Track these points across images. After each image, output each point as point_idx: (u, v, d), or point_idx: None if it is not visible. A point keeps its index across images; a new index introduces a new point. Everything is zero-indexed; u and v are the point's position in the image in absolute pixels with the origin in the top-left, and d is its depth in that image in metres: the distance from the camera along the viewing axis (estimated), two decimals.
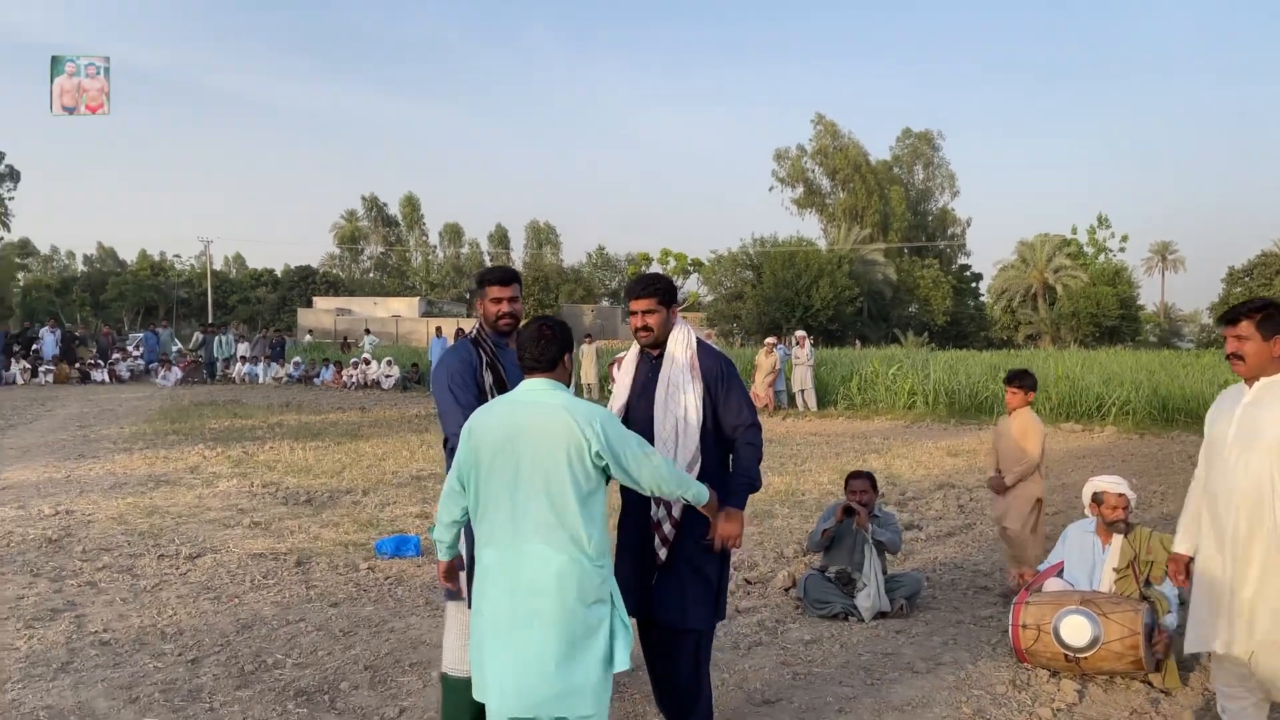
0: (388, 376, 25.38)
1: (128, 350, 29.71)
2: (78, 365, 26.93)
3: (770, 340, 20.38)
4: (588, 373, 21.44)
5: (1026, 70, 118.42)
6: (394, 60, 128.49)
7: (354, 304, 56.04)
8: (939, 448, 13.53)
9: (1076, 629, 4.48)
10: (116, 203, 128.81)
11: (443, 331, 25.69)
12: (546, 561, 2.91)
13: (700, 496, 3.26)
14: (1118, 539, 5.02)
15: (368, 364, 26.31)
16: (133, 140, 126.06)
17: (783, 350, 20.41)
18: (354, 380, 25.48)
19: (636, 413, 3.72)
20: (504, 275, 3.82)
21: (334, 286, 66.90)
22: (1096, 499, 5.16)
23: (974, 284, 62.79)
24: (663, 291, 3.69)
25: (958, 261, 63.88)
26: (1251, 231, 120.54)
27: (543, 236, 78.27)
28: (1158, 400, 16.63)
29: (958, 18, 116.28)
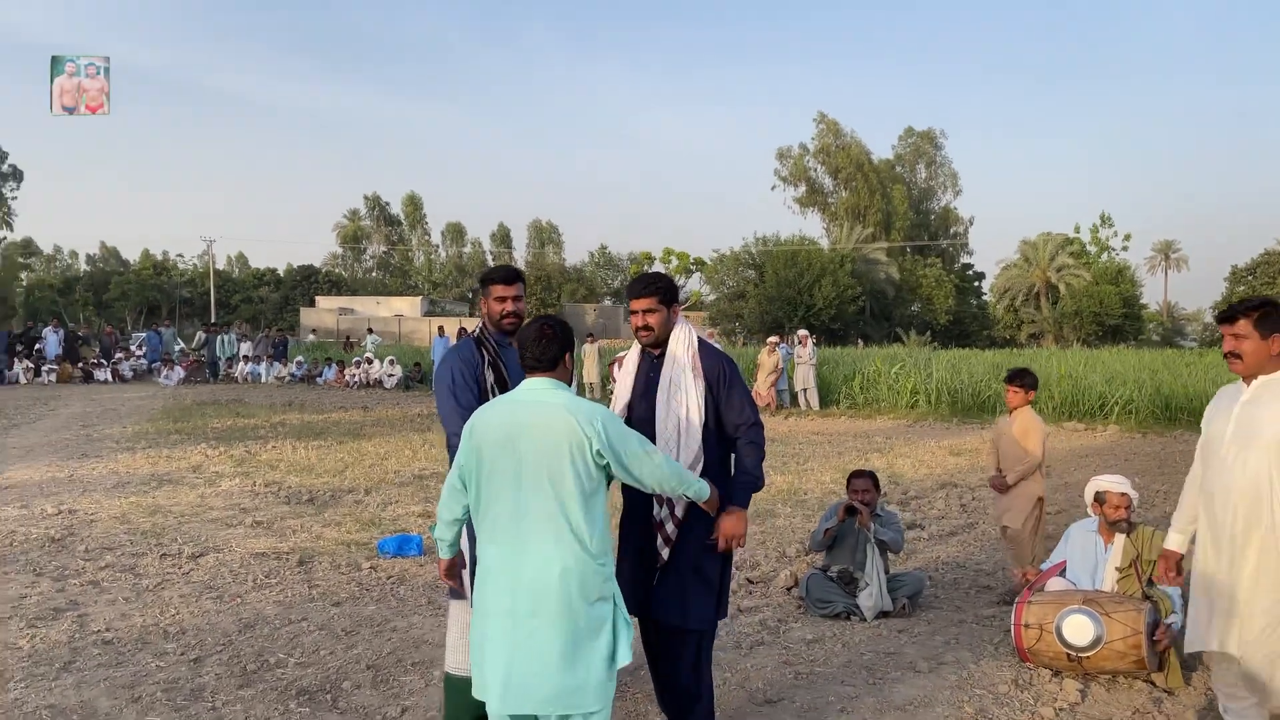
0: (390, 376, 25.40)
1: (131, 350, 29.75)
2: (81, 365, 26.98)
3: (773, 339, 20.36)
4: (590, 372, 21.45)
5: (1029, 69, 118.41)
6: (395, 60, 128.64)
7: (356, 303, 56.04)
8: (941, 447, 13.52)
9: (1079, 628, 4.48)
10: (119, 202, 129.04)
11: (445, 331, 25.75)
12: (549, 560, 2.91)
13: (701, 493, 3.28)
14: (1120, 538, 5.01)
15: (370, 363, 26.33)
16: (136, 140, 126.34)
17: (785, 349, 20.40)
18: (356, 379, 25.51)
19: (638, 412, 3.71)
20: (508, 274, 3.83)
21: (336, 286, 66.89)
22: (1099, 498, 5.15)
23: (976, 283, 62.72)
24: (663, 291, 3.68)
25: (960, 260, 63.81)
26: (1255, 230, 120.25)
27: (545, 236, 78.23)
28: (1160, 399, 16.62)
29: (960, 16, 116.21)
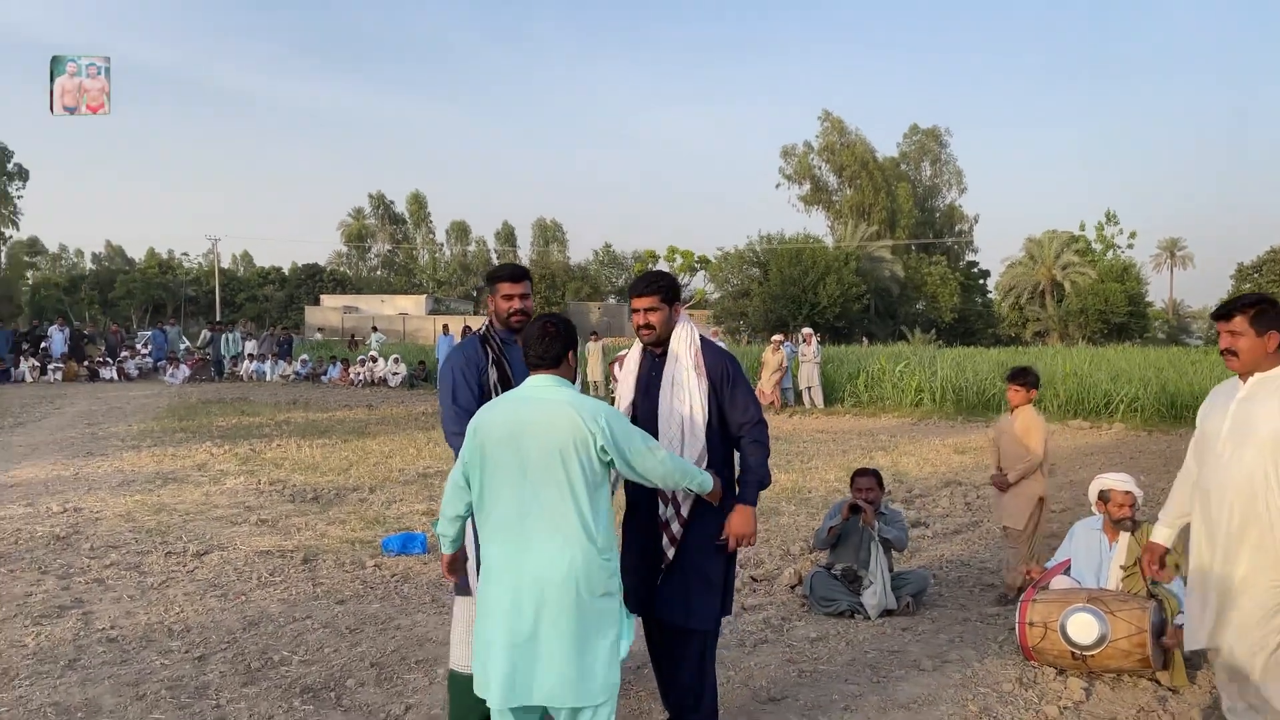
0: (394, 374, 25.43)
1: (136, 348, 29.82)
2: (86, 363, 27.07)
3: (777, 338, 20.36)
4: (594, 370, 21.45)
5: (1034, 66, 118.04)
6: (399, 58, 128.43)
7: (361, 302, 56.06)
8: (946, 445, 13.50)
9: (1084, 627, 4.47)
10: (125, 201, 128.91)
11: (449, 329, 25.76)
12: (556, 555, 2.93)
13: (705, 485, 3.32)
14: (1125, 537, 5.00)
15: (375, 361, 26.37)
16: (141, 139, 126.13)
17: (789, 348, 20.40)
18: (361, 378, 25.55)
19: (641, 411, 3.71)
20: (515, 273, 3.84)
21: (341, 284, 66.95)
22: (1103, 496, 5.14)
23: (981, 281, 62.61)
24: (665, 289, 3.67)
25: (965, 258, 63.70)
26: (1261, 227, 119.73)
27: (549, 234, 78.21)
28: (1166, 397, 16.58)
29: (964, 14, 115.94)
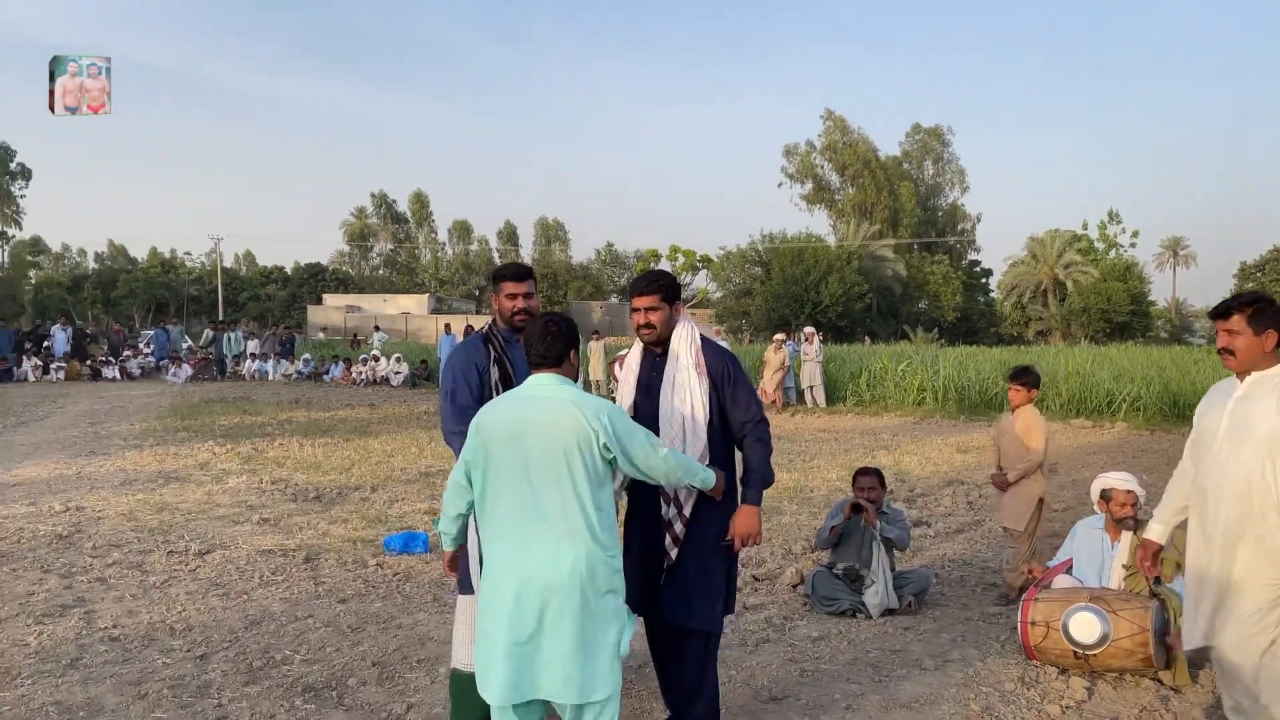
0: (397, 373, 25.44)
1: (138, 347, 29.84)
2: (89, 362, 27.10)
3: (779, 337, 20.34)
4: (596, 369, 21.44)
5: (1036, 65, 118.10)
6: (401, 58, 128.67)
7: (363, 301, 56.08)
8: (948, 444, 13.49)
9: (1086, 626, 4.46)
10: (127, 201, 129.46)
11: (452, 328, 25.75)
12: (560, 554, 2.93)
13: (708, 481, 3.35)
14: (1127, 536, 4.99)
15: (377, 361, 26.38)
16: (143, 138, 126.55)
17: (792, 347, 20.39)
18: (363, 377, 25.56)
19: (643, 411, 3.70)
20: (519, 271, 3.84)
21: (343, 283, 67.00)
22: (1105, 496, 5.14)
23: (984, 280, 62.60)
24: (666, 288, 3.66)
25: (967, 257, 63.69)
26: (1264, 226, 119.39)
27: (551, 233, 78.23)
28: (1168, 396, 16.55)
29: (966, 13, 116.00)
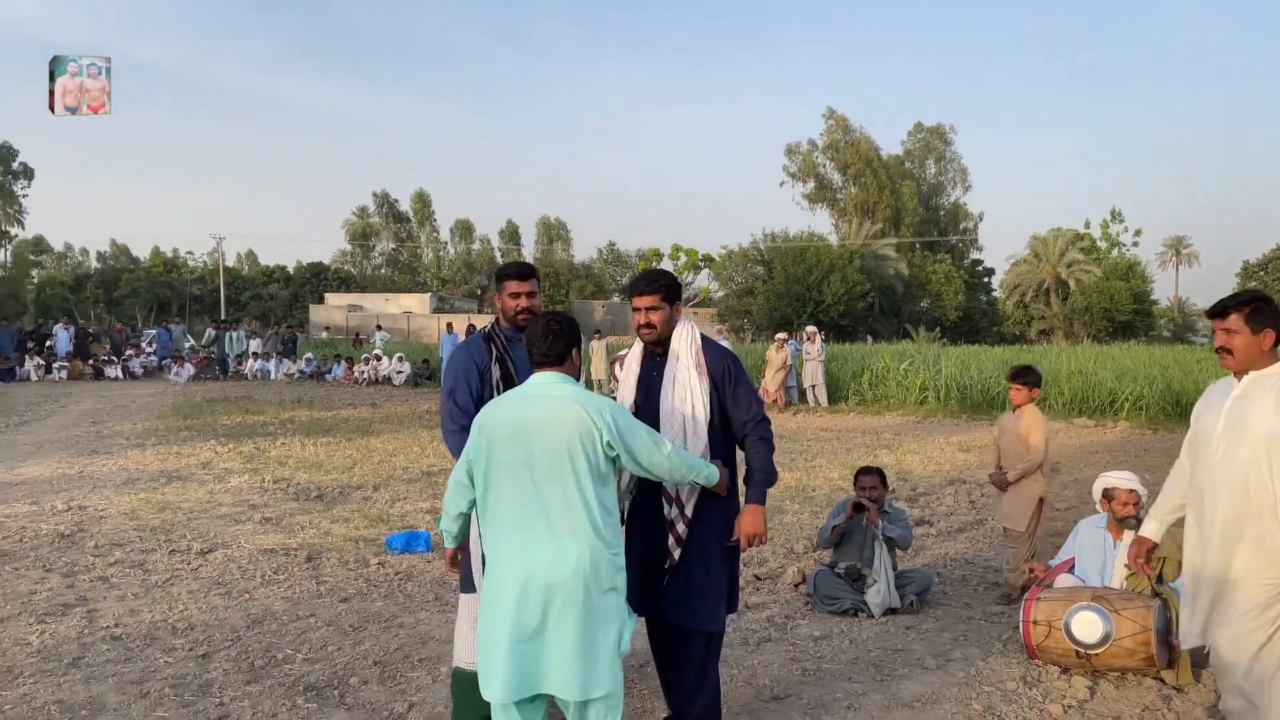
0: (399, 372, 25.45)
1: (141, 347, 29.85)
2: (91, 361, 27.11)
3: (781, 336, 20.35)
4: (598, 369, 21.43)
5: (1038, 64, 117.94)
6: (401, 58, 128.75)
7: (365, 300, 56.13)
8: (950, 443, 13.48)
9: (1088, 625, 4.46)
10: (130, 200, 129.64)
11: (454, 327, 25.73)
12: (565, 551, 2.94)
13: (712, 477, 3.36)
14: (1129, 535, 4.98)
15: (379, 360, 26.39)
16: (146, 138, 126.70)
17: (794, 346, 20.38)
18: (365, 376, 25.58)
19: (642, 411, 3.68)
20: (522, 270, 3.85)
21: (346, 283, 67.05)
22: (1108, 495, 5.13)
23: (986, 279, 62.55)
24: (666, 288, 3.65)
25: (970, 256, 63.62)
26: (1266, 225, 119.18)
27: (554, 232, 78.20)
28: (1171, 395, 16.54)
29: (968, 11, 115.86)
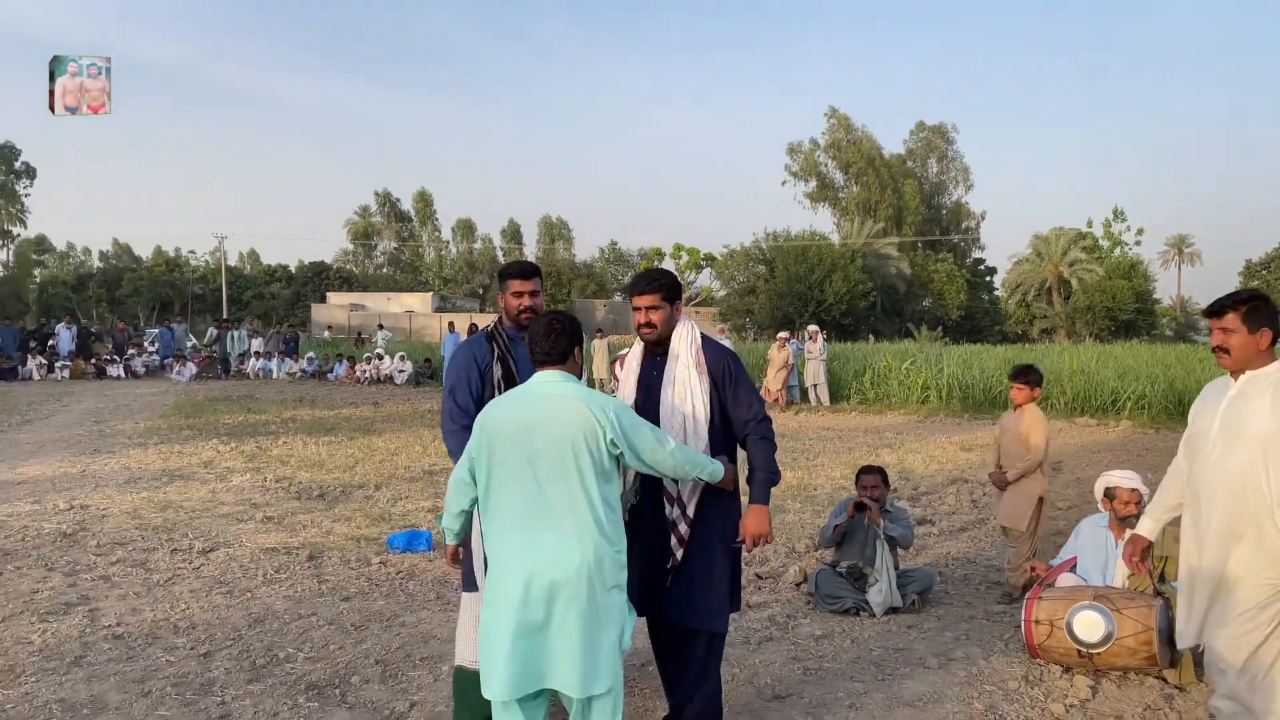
0: (401, 371, 25.47)
1: (143, 346, 29.88)
2: (93, 361, 27.14)
3: (783, 335, 20.34)
4: (599, 368, 21.43)
5: (1040, 63, 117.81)
6: (402, 57, 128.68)
7: (367, 299, 56.16)
8: (952, 442, 13.47)
9: (1090, 624, 4.45)
10: (132, 199, 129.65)
11: (455, 326, 25.73)
12: (569, 549, 2.94)
13: (716, 474, 3.36)
14: (1130, 534, 4.97)
15: (381, 359, 26.40)
16: (148, 137, 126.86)
17: (795, 345, 20.36)
18: (367, 375, 25.59)
19: (643, 411, 3.67)
20: (525, 269, 3.85)
21: (348, 282, 67.09)
22: (1109, 494, 5.13)
23: (988, 278, 62.45)
24: (667, 287, 3.65)
25: (972, 255, 63.51)
26: (1269, 224, 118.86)
27: (555, 232, 78.16)
28: (1173, 395, 16.51)
29: (970, 10, 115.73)
